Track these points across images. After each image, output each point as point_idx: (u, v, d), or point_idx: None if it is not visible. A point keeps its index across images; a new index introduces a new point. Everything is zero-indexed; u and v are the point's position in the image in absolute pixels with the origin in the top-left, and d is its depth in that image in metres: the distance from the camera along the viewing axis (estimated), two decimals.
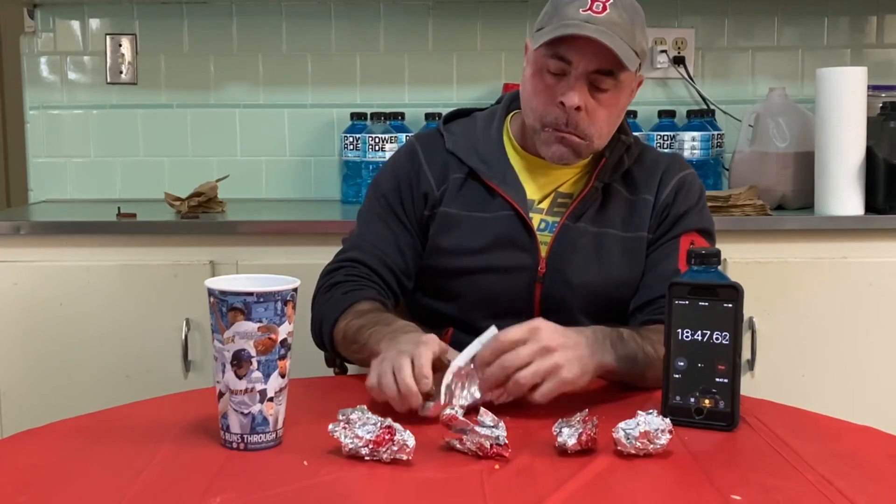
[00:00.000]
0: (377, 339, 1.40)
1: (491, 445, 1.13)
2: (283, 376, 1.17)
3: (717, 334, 1.25)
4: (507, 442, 1.13)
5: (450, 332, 1.60)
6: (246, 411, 1.15)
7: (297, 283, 1.18)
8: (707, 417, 1.25)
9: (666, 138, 2.65)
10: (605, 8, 1.48)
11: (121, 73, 2.85)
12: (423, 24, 2.84)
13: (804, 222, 2.36)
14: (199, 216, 2.42)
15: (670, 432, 1.14)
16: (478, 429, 1.13)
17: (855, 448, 1.21)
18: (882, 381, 2.34)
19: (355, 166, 2.71)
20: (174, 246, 2.32)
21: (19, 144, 2.95)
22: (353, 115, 2.75)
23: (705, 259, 1.27)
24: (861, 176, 2.35)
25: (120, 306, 2.31)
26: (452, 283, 1.61)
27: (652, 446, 1.14)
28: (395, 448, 1.11)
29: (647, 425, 1.14)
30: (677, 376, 1.27)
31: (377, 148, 2.62)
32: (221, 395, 1.16)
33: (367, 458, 1.11)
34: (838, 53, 2.86)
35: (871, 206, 2.37)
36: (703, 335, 1.25)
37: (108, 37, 2.84)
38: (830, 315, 2.33)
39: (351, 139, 2.71)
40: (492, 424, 1.14)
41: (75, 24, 2.84)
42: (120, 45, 2.84)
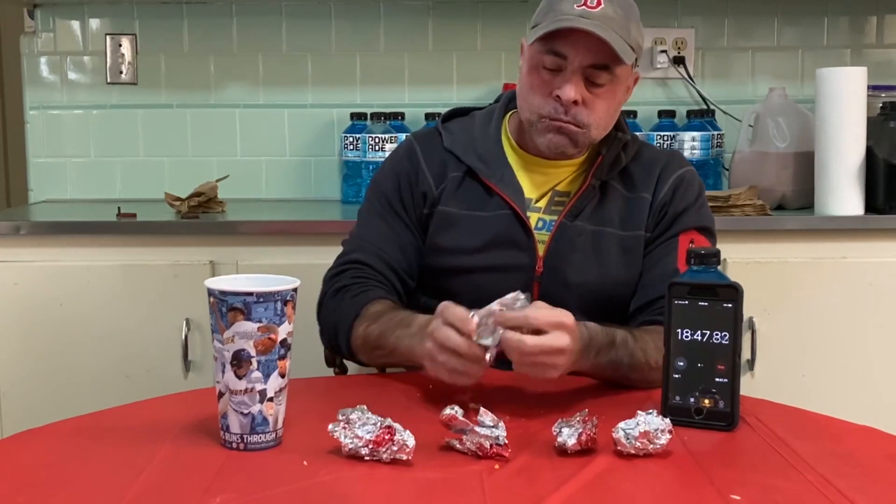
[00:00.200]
0: (407, 343, 1.42)
1: (491, 445, 1.13)
2: (282, 376, 1.17)
3: (717, 334, 1.24)
4: (507, 442, 1.13)
5: None
6: (246, 411, 1.15)
7: (297, 283, 1.18)
8: (707, 417, 1.25)
9: (666, 138, 2.65)
10: (599, 3, 1.49)
11: (121, 73, 2.85)
12: (423, 24, 2.84)
13: (804, 222, 2.36)
14: (199, 216, 2.42)
15: (670, 432, 1.14)
16: (478, 429, 1.13)
17: (855, 448, 1.21)
18: (882, 381, 2.34)
19: (355, 166, 2.71)
20: (174, 246, 2.32)
21: (19, 144, 2.95)
22: (353, 115, 2.75)
23: (705, 259, 1.27)
24: (861, 176, 2.35)
25: (120, 306, 2.31)
26: (450, 282, 1.61)
27: (652, 446, 1.14)
28: (395, 448, 1.11)
29: (646, 425, 1.14)
30: (677, 376, 1.27)
31: (377, 148, 2.61)
32: (221, 395, 1.16)
33: (367, 458, 1.11)
34: (838, 53, 2.86)
35: (870, 206, 2.37)
36: (702, 335, 1.25)
37: (108, 37, 2.84)
38: (830, 315, 2.33)
39: (351, 139, 2.71)
40: (492, 424, 1.14)
41: (75, 24, 2.84)
42: (120, 45, 2.84)
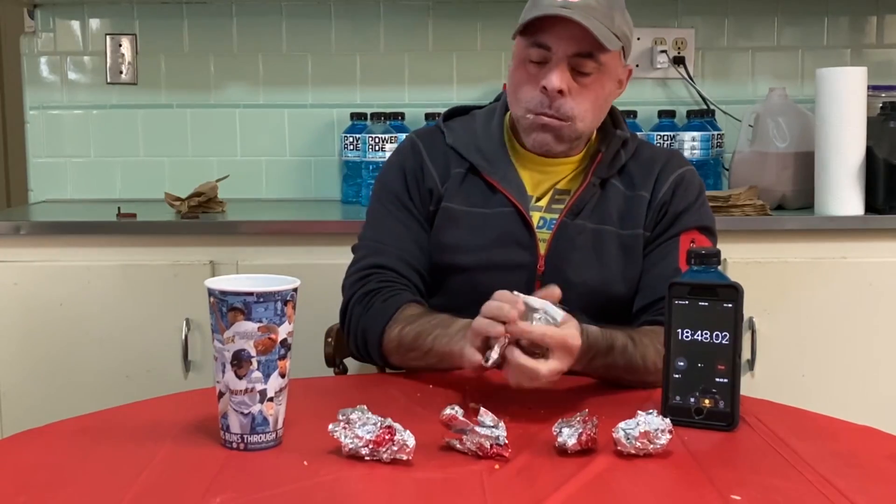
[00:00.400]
0: (444, 341, 1.41)
1: (491, 445, 1.13)
2: (283, 376, 1.17)
3: (717, 334, 1.24)
4: (507, 442, 1.13)
5: None
6: (246, 411, 1.15)
7: (297, 283, 1.18)
8: (707, 417, 1.25)
9: (666, 138, 2.65)
10: None
11: (121, 73, 2.85)
12: (423, 24, 2.84)
13: (804, 222, 2.36)
14: (199, 216, 2.42)
15: (670, 432, 1.14)
16: (478, 429, 1.13)
17: (855, 448, 1.21)
18: (882, 381, 2.34)
19: (355, 166, 2.70)
20: (174, 246, 2.32)
21: (19, 144, 2.96)
22: (353, 115, 2.75)
23: (705, 259, 1.27)
24: (861, 176, 2.35)
25: (120, 306, 2.31)
26: (452, 279, 1.61)
27: (652, 446, 1.14)
28: (395, 448, 1.11)
29: (647, 425, 1.14)
30: (677, 376, 1.27)
31: (377, 148, 2.61)
32: (221, 395, 1.16)
33: (367, 458, 1.11)
34: (838, 53, 2.86)
35: (870, 206, 2.37)
36: (703, 335, 1.25)
37: (108, 37, 2.84)
38: (830, 315, 2.33)
39: (351, 139, 2.71)
40: (492, 424, 1.14)
41: (75, 24, 2.84)
42: (120, 45, 2.84)
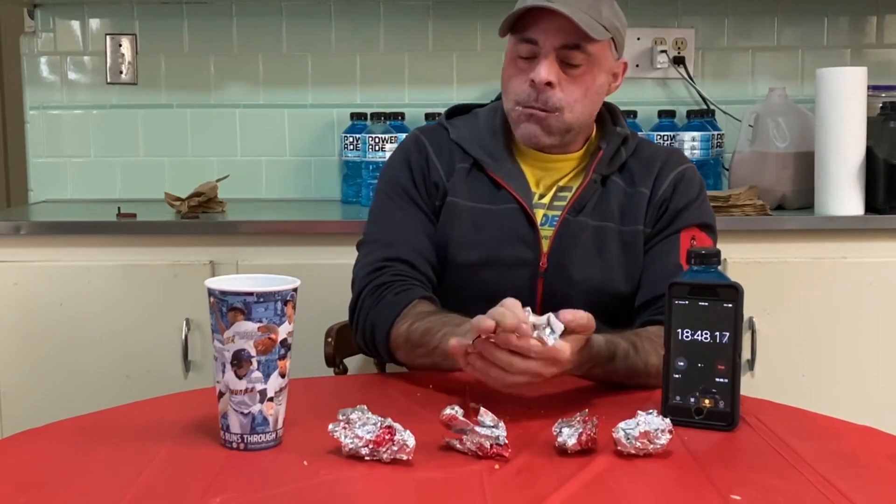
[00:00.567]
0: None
1: (491, 445, 1.13)
2: (283, 376, 1.17)
3: (717, 334, 1.24)
4: (507, 442, 1.13)
5: None
6: (246, 411, 1.15)
7: (297, 283, 1.18)
8: (707, 417, 1.25)
9: (666, 138, 2.65)
10: None
11: (121, 73, 2.85)
12: (423, 24, 2.84)
13: (804, 222, 2.36)
14: (199, 216, 2.42)
15: (670, 432, 1.14)
16: (478, 429, 1.13)
17: (855, 448, 1.21)
18: (882, 381, 2.34)
19: (355, 166, 2.70)
20: (174, 246, 2.32)
21: (19, 144, 2.96)
22: (353, 115, 2.75)
23: (705, 259, 1.27)
24: (861, 176, 2.35)
25: (120, 306, 2.31)
26: (455, 275, 1.61)
27: (652, 446, 1.14)
28: (395, 448, 1.11)
29: (647, 425, 1.14)
30: (677, 376, 1.27)
31: (377, 148, 2.61)
32: (221, 395, 1.16)
33: (367, 458, 1.11)
34: (838, 53, 2.86)
35: (870, 206, 2.37)
36: (703, 335, 1.25)
37: (108, 37, 2.84)
38: (830, 315, 2.33)
39: (351, 139, 2.71)
40: (492, 424, 1.14)
41: (75, 24, 2.84)
42: (120, 45, 2.84)
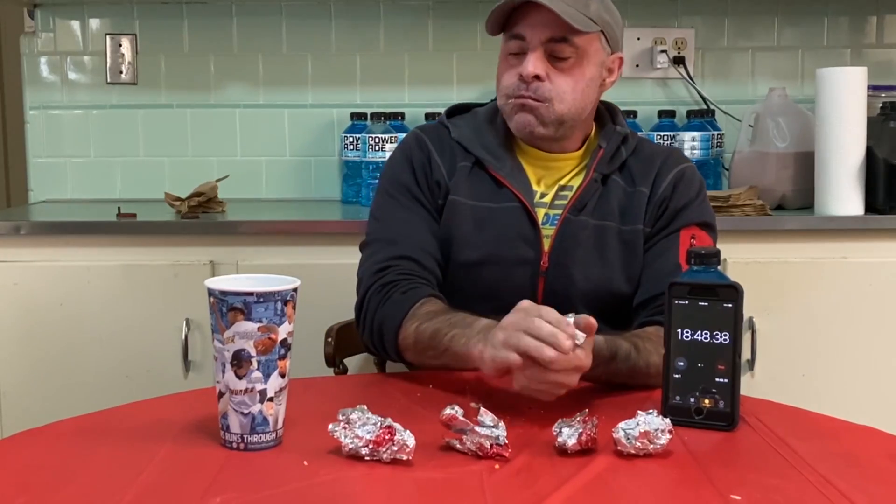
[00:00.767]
0: (462, 342, 1.37)
1: (491, 445, 1.13)
2: (283, 376, 1.17)
3: (717, 334, 1.25)
4: (507, 442, 1.13)
5: None
6: (246, 411, 1.15)
7: (297, 283, 1.18)
8: (707, 417, 1.25)
9: (666, 138, 2.65)
10: None
11: (121, 73, 2.85)
12: (423, 24, 2.84)
13: (804, 222, 2.36)
14: (199, 216, 2.42)
15: (670, 432, 1.14)
16: (478, 429, 1.13)
17: (855, 448, 1.21)
18: (882, 381, 2.34)
19: (355, 166, 2.70)
20: (174, 246, 2.32)
21: (19, 144, 2.95)
22: (353, 115, 2.75)
23: (705, 259, 1.27)
24: (861, 176, 2.35)
25: (120, 306, 2.31)
26: (456, 274, 1.61)
27: (652, 446, 1.14)
28: (395, 448, 1.11)
29: (647, 425, 1.14)
30: (677, 376, 1.27)
31: (377, 148, 2.61)
32: (221, 395, 1.16)
33: (367, 458, 1.11)
34: (838, 53, 2.85)
35: (871, 206, 2.37)
36: (702, 335, 1.25)
37: (108, 37, 2.84)
38: (830, 315, 2.33)
39: (351, 139, 2.71)
40: (492, 424, 1.14)
41: (75, 24, 2.84)
42: (120, 45, 2.84)
